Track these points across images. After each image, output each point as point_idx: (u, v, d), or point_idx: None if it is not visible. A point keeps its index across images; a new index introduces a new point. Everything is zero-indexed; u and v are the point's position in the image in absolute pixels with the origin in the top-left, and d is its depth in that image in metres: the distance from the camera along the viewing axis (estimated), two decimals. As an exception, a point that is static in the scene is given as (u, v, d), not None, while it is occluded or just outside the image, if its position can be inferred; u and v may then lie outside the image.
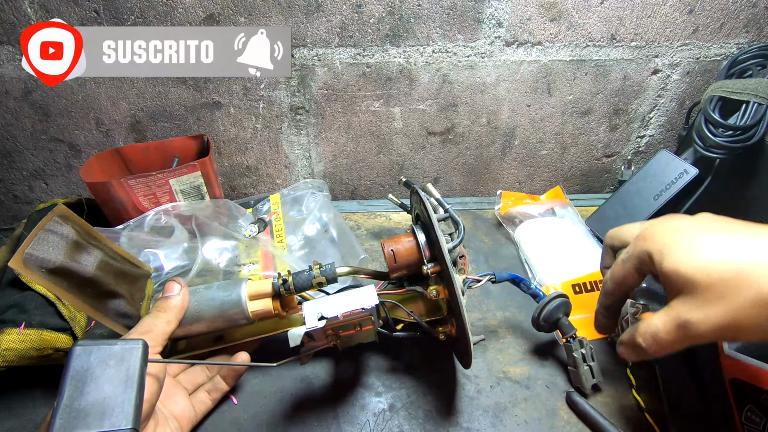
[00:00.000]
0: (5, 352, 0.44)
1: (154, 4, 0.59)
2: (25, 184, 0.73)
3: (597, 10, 0.64)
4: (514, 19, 0.64)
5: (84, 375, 0.29)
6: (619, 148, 0.80)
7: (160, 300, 0.41)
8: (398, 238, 0.47)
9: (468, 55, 0.67)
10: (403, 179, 0.65)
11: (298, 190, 0.72)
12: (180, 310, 0.41)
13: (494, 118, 0.74)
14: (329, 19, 0.62)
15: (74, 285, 0.39)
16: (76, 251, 0.40)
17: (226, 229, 0.62)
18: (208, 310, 0.42)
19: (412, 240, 0.46)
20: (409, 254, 0.46)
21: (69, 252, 0.40)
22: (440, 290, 0.44)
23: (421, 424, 0.44)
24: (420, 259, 0.46)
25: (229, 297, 0.43)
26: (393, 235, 0.71)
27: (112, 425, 0.28)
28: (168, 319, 0.40)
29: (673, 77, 0.72)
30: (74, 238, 0.41)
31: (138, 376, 0.30)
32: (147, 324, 0.39)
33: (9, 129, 0.67)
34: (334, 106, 0.71)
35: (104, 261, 0.43)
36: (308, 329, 0.39)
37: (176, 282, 0.43)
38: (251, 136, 0.73)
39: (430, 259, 0.45)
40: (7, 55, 0.61)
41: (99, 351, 0.30)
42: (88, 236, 0.43)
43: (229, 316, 0.43)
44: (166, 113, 0.69)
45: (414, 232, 0.47)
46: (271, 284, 0.44)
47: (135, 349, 0.31)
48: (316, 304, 0.41)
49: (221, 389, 0.44)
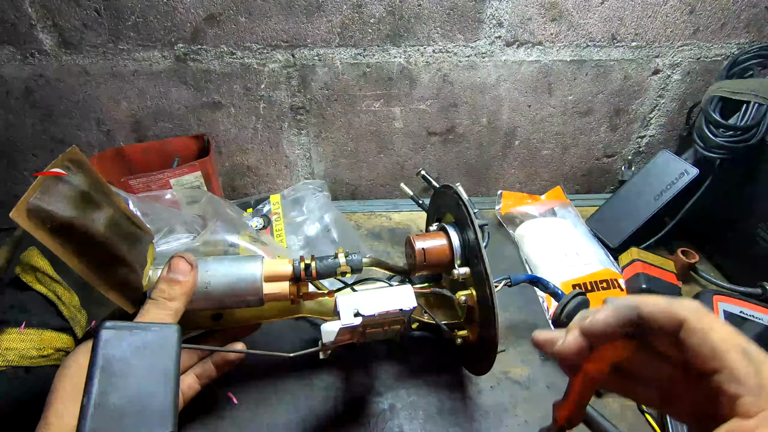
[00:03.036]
0: (6, 352, 0.44)
1: (155, 4, 0.59)
2: (26, 184, 0.73)
3: (597, 10, 0.64)
4: (514, 19, 0.64)
5: (116, 365, 0.25)
6: (619, 149, 0.80)
7: (167, 284, 0.36)
8: (428, 235, 0.45)
9: (468, 55, 0.67)
10: (422, 172, 0.63)
11: (299, 191, 0.72)
12: (189, 296, 0.36)
13: (495, 118, 0.74)
14: (330, 19, 0.62)
15: (81, 246, 0.32)
16: (86, 205, 0.33)
17: (234, 215, 0.60)
18: (217, 287, 0.38)
19: (445, 241, 0.44)
20: (440, 255, 0.44)
21: (79, 206, 0.32)
22: (470, 297, 0.42)
23: (421, 424, 0.44)
24: (450, 261, 0.43)
25: (243, 275, 0.38)
26: (393, 235, 0.71)
27: (150, 429, 0.24)
28: (176, 308, 0.35)
29: (674, 77, 0.72)
30: (85, 190, 0.33)
31: (174, 367, 0.26)
32: (151, 317, 0.34)
33: (10, 129, 0.67)
34: (334, 106, 0.71)
35: (114, 220, 0.35)
36: (344, 325, 0.36)
37: (185, 260, 0.37)
38: (252, 136, 0.73)
39: (462, 263, 0.43)
40: (8, 55, 0.61)
41: (132, 336, 0.26)
42: (100, 189, 0.35)
43: (241, 296, 0.39)
44: (166, 113, 0.69)
45: (447, 231, 0.44)
46: (291, 266, 0.40)
47: (171, 336, 0.27)
48: (352, 300, 0.38)
49: (211, 375, 0.41)
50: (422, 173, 0.63)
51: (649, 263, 0.58)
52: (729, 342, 0.22)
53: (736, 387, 0.21)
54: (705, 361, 0.22)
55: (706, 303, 0.52)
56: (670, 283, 0.57)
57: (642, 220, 0.63)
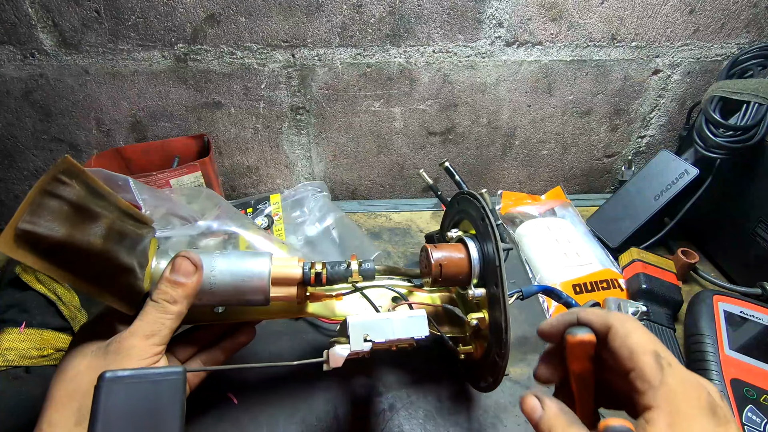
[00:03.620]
0: (6, 352, 0.44)
1: (155, 4, 0.59)
2: (26, 184, 0.73)
3: (597, 10, 0.64)
4: (514, 19, 0.64)
5: (118, 415, 0.24)
6: (619, 148, 0.80)
7: (169, 285, 0.34)
8: (446, 247, 0.42)
9: (468, 55, 0.67)
10: (447, 164, 0.61)
11: (299, 193, 0.72)
12: (192, 298, 0.35)
13: (495, 118, 0.74)
14: (330, 19, 0.62)
15: (77, 263, 0.30)
16: (81, 219, 0.30)
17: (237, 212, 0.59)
18: (221, 286, 0.36)
19: (463, 255, 0.41)
20: (458, 270, 0.41)
21: (73, 221, 0.29)
22: (482, 321, 0.40)
23: (421, 424, 0.44)
24: (466, 278, 0.41)
25: (249, 274, 0.37)
26: (394, 235, 0.71)
27: None
28: (178, 312, 0.34)
29: (674, 77, 0.72)
30: (79, 202, 0.30)
31: (180, 416, 0.26)
32: (152, 321, 0.33)
33: (10, 129, 0.67)
34: (334, 106, 0.71)
35: (113, 226, 0.33)
36: (353, 351, 0.35)
37: (189, 260, 0.35)
38: (252, 136, 0.73)
39: (478, 283, 0.40)
40: (8, 55, 0.61)
41: (134, 386, 0.25)
42: (96, 194, 0.32)
43: (246, 297, 0.37)
44: (166, 113, 0.69)
45: (466, 245, 0.41)
46: (300, 270, 0.39)
47: (175, 382, 0.26)
48: (363, 324, 0.36)
49: (218, 360, 0.41)
50: (446, 165, 0.61)
51: (649, 263, 0.58)
52: (644, 346, 0.26)
53: (642, 384, 0.25)
54: (623, 361, 0.26)
55: (706, 303, 0.52)
56: (670, 283, 0.57)
57: (642, 220, 0.63)
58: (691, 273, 0.61)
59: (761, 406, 0.42)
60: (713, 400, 0.24)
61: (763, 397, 0.43)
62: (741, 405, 0.42)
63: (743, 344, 0.48)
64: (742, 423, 0.41)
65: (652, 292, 0.55)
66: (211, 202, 0.59)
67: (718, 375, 0.45)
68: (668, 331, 0.52)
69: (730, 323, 0.50)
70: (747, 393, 0.43)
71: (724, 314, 0.51)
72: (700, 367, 0.46)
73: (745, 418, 0.41)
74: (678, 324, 0.55)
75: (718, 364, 0.46)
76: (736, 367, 0.45)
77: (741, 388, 0.44)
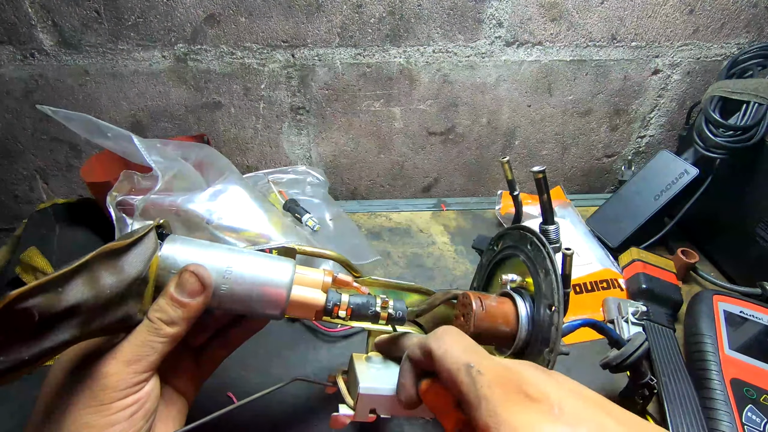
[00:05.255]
0: (6, 352, 0.43)
1: (155, 4, 0.59)
2: (25, 184, 0.73)
3: (597, 10, 0.64)
4: (514, 19, 0.64)
5: None
6: (619, 148, 0.80)
7: (170, 304, 0.29)
8: (491, 302, 0.36)
9: (468, 55, 0.67)
10: (505, 159, 0.48)
11: (298, 174, 0.71)
12: (192, 320, 0.30)
13: (494, 118, 0.74)
14: (330, 19, 0.62)
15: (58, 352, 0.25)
16: (48, 330, 0.24)
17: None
18: (228, 296, 0.31)
19: (512, 314, 0.35)
20: (498, 334, 0.35)
21: (37, 337, 0.24)
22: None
23: (421, 425, 0.44)
24: (508, 340, 0.35)
25: (265, 288, 0.32)
26: (394, 235, 0.71)
27: None
28: (173, 335, 0.29)
29: (674, 77, 0.72)
30: (42, 317, 0.24)
31: None
32: (140, 344, 0.28)
33: (10, 129, 0.67)
34: (334, 106, 0.71)
35: (88, 302, 0.26)
36: (356, 420, 0.32)
37: (197, 277, 0.29)
38: (252, 136, 0.73)
39: (517, 351, 0.35)
40: (8, 55, 0.61)
41: None
42: (54, 286, 0.26)
43: (257, 311, 0.32)
44: (166, 113, 0.69)
45: (515, 302, 0.36)
46: (324, 298, 0.34)
47: None
48: (372, 399, 0.33)
49: (233, 344, 0.37)
50: (506, 161, 0.48)
51: (649, 263, 0.58)
52: (457, 362, 0.24)
53: (466, 402, 0.23)
54: (447, 384, 0.24)
55: (706, 303, 0.52)
56: (670, 283, 0.57)
57: (642, 220, 0.63)
58: (691, 273, 0.61)
59: (761, 405, 0.42)
60: (524, 381, 0.22)
61: (763, 396, 0.43)
62: (741, 405, 0.42)
63: (743, 344, 0.48)
64: (742, 423, 0.41)
65: (652, 292, 0.55)
66: (216, 167, 0.56)
67: (718, 375, 0.45)
68: (668, 331, 0.52)
69: (730, 323, 0.50)
70: (747, 393, 0.43)
71: (723, 314, 0.51)
72: (700, 366, 0.46)
73: (745, 418, 0.41)
74: (678, 324, 0.55)
75: (718, 364, 0.46)
76: (736, 367, 0.45)
77: (741, 387, 0.44)
